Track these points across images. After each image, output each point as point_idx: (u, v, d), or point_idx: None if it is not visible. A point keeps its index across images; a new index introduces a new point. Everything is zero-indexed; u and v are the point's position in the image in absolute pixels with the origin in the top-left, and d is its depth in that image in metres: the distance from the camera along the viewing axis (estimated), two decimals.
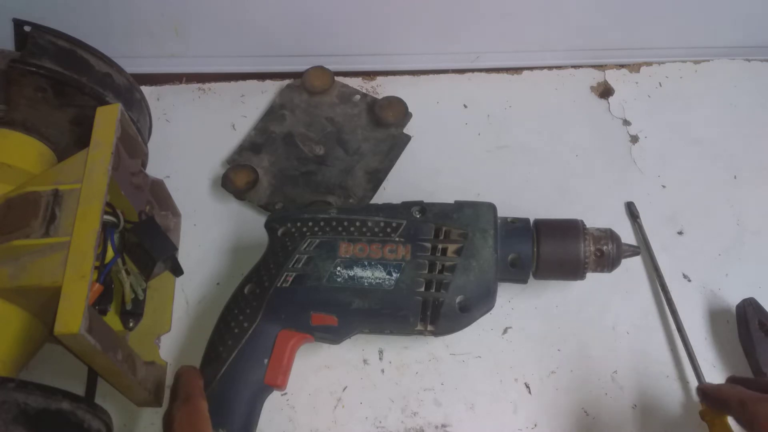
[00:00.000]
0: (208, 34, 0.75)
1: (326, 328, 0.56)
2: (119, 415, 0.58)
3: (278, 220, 0.59)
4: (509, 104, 0.76)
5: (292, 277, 0.56)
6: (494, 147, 0.74)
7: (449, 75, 0.79)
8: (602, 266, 0.59)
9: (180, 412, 0.48)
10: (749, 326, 0.60)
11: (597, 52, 0.79)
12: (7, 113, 0.59)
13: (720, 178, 0.72)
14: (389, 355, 0.62)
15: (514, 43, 0.77)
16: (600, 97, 0.77)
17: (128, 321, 0.59)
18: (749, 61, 0.80)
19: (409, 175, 0.71)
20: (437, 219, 0.57)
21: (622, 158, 0.73)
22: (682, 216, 0.69)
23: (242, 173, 0.69)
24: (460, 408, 0.59)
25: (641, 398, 0.60)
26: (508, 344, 0.62)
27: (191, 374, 0.52)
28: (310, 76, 0.75)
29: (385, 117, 0.73)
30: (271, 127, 0.73)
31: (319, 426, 0.59)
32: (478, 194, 0.68)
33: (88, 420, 0.48)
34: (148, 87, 0.75)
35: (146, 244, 0.55)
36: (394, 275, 0.55)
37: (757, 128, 0.75)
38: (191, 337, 0.62)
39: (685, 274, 0.66)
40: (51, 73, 0.57)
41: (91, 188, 0.51)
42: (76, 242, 0.49)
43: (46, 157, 0.61)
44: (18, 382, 0.45)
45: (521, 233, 0.58)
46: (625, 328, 0.63)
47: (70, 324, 0.45)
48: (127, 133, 0.56)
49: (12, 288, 0.51)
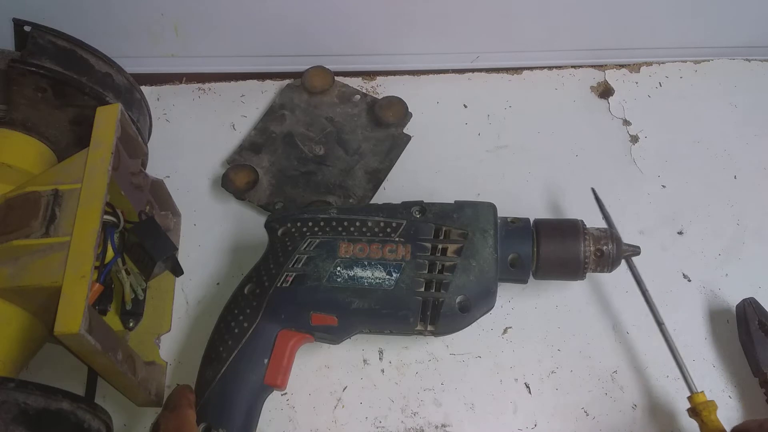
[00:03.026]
0: (208, 34, 0.75)
1: (326, 328, 0.56)
2: (119, 415, 0.57)
3: (278, 220, 0.59)
4: (509, 104, 0.76)
5: (292, 277, 0.56)
6: (494, 147, 0.74)
7: (449, 75, 0.79)
8: (602, 266, 0.59)
9: (166, 420, 0.50)
10: (749, 326, 0.60)
11: (597, 52, 0.79)
12: (7, 113, 0.59)
13: (720, 178, 0.72)
14: (389, 355, 0.62)
15: (514, 43, 0.77)
16: (600, 97, 0.77)
17: (128, 321, 0.59)
18: (749, 61, 0.80)
19: (409, 175, 0.71)
20: (437, 219, 0.57)
21: (622, 158, 0.73)
22: (682, 216, 0.69)
23: (242, 173, 0.69)
24: (460, 408, 0.59)
25: (641, 398, 0.60)
26: (508, 344, 0.62)
27: (182, 388, 0.53)
28: (310, 76, 0.75)
29: (385, 117, 0.73)
30: (271, 127, 0.73)
31: (319, 426, 0.59)
32: (478, 194, 0.68)
33: (88, 420, 0.48)
34: (148, 87, 0.75)
35: (146, 244, 0.55)
36: (394, 275, 0.55)
37: (757, 128, 0.75)
38: (191, 337, 0.62)
39: (685, 274, 0.66)
40: (51, 73, 0.57)
41: (91, 188, 0.51)
42: (76, 242, 0.49)
43: (46, 157, 0.61)
44: (18, 382, 0.45)
45: (521, 233, 0.58)
46: (625, 328, 0.63)
47: (70, 324, 0.45)
48: (127, 133, 0.56)
49: (12, 288, 0.51)
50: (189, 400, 0.52)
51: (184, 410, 0.50)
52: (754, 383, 0.59)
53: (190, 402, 0.52)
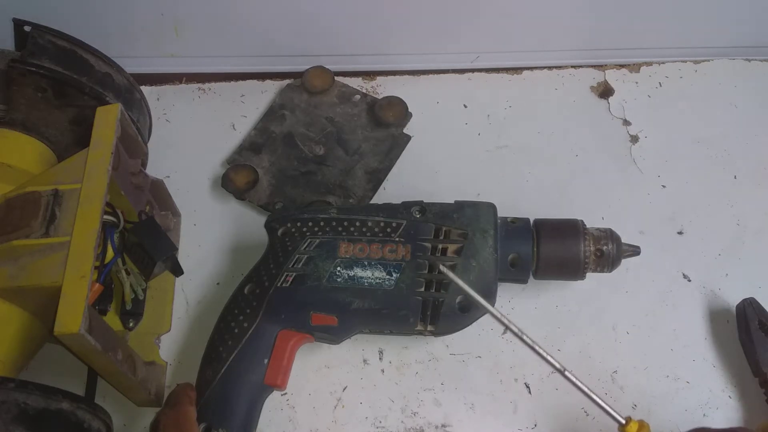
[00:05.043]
0: (208, 34, 0.75)
1: (326, 328, 0.56)
2: (119, 415, 0.57)
3: (278, 220, 0.59)
4: (509, 104, 0.76)
5: (292, 277, 0.56)
6: (494, 147, 0.74)
7: (449, 75, 0.79)
8: (602, 266, 0.59)
9: (166, 416, 0.50)
10: (749, 326, 0.60)
11: (597, 52, 0.79)
12: (7, 113, 0.59)
13: (720, 178, 0.72)
14: (389, 355, 0.62)
15: (514, 43, 0.77)
16: (600, 97, 0.77)
17: (128, 321, 0.59)
18: (749, 61, 0.80)
19: (409, 175, 0.71)
20: (437, 219, 0.57)
21: (622, 158, 0.73)
22: (682, 216, 0.69)
23: (242, 173, 0.69)
24: (460, 408, 0.59)
25: (641, 398, 0.60)
26: (508, 344, 0.62)
27: (184, 386, 0.53)
28: (310, 76, 0.75)
29: (385, 117, 0.73)
30: (271, 127, 0.73)
31: (319, 426, 0.59)
32: (478, 194, 0.68)
33: (88, 420, 0.48)
34: (148, 87, 0.75)
35: (146, 244, 0.55)
36: (394, 275, 0.55)
37: (757, 128, 0.75)
38: (191, 337, 0.62)
39: (685, 274, 0.66)
40: (51, 73, 0.57)
41: (91, 188, 0.51)
42: (76, 242, 0.49)
43: (46, 157, 0.61)
44: (18, 382, 0.45)
45: (521, 233, 0.58)
46: (625, 328, 0.63)
47: (70, 324, 0.45)
48: (127, 133, 0.56)
49: (12, 288, 0.51)
50: (190, 397, 0.52)
51: (185, 407, 0.50)
52: (754, 383, 0.59)
53: (191, 399, 0.52)
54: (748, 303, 0.61)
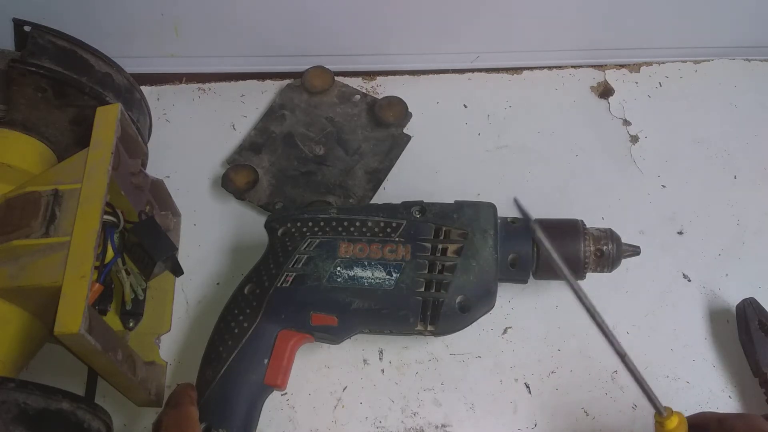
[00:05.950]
0: (208, 34, 0.75)
1: (326, 328, 0.56)
2: (119, 415, 0.57)
3: (278, 220, 0.59)
4: (509, 104, 0.76)
5: (292, 277, 0.56)
6: (494, 147, 0.74)
7: (449, 75, 0.79)
8: (602, 266, 0.59)
9: (168, 417, 0.50)
10: (749, 326, 0.60)
11: (597, 52, 0.79)
12: (7, 113, 0.59)
13: (720, 178, 0.72)
14: (389, 355, 0.62)
15: (514, 43, 0.77)
16: (600, 97, 0.77)
17: (128, 321, 0.59)
18: (749, 61, 0.80)
19: (409, 175, 0.71)
20: (437, 219, 0.57)
21: (622, 158, 0.73)
22: (682, 216, 0.69)
23: (242, 173, 0.69)
24: (460, 408, 0.59)
25: (641, 398, 0.59)
26: (508, 344, 0.62)
27: (185, 386, 0.53)
28: (310, 76, 0.75)
29: (385, 117, 0.73)
30: (271, 127, 0.73)
31: (319, 426, 0.59)
32: (478, 194, 0.68)
33: (88, 420, 0.48)
34: (148, 87, 0.75)
35: (146, 244, 0.55)
36: (394, 275, 0.55)
37: (757, 128, 0.75)
38: (191, 337, 0.62)
39: (685, 274, 0.66)
40: (51, 73, 0.57)
41: (91, 188, 0.51)
42: (76, 242, 0.49)
43: (46, 157, 0.61)
44: (18, 382, 0.45)
45: (521, 233, 0.58)
46: (625, 328, 0.63)
47: (70, 324, 0.45)
48: (127, 133, 0.56)
49: (12, 288, 0.51)
50: (191, 397, 0.52)
51: (186, 407, 0.50)
52: (754, 383, 0.59)
53: (192, 399, 0.52)
54: (748, 303, 0.61)
